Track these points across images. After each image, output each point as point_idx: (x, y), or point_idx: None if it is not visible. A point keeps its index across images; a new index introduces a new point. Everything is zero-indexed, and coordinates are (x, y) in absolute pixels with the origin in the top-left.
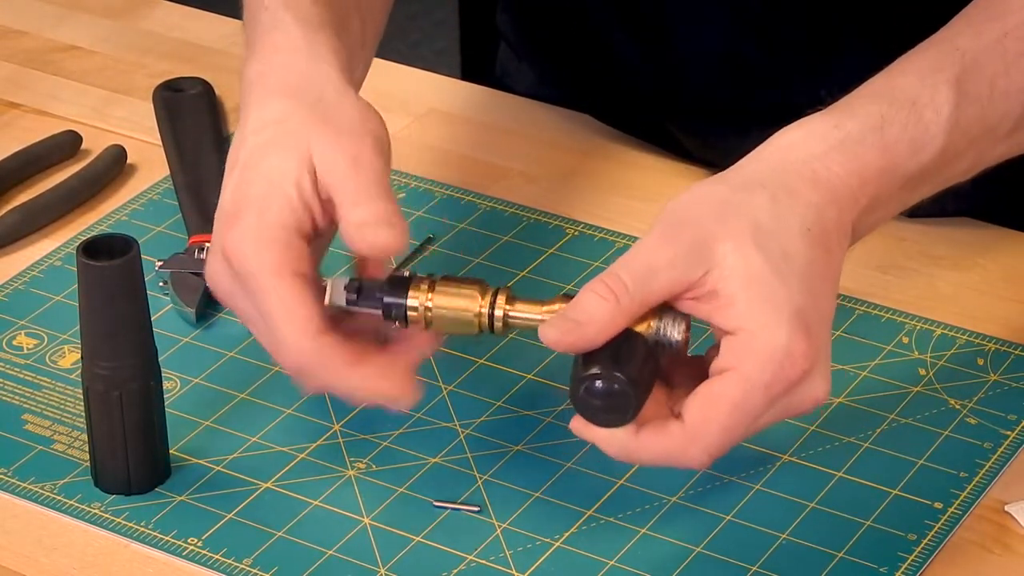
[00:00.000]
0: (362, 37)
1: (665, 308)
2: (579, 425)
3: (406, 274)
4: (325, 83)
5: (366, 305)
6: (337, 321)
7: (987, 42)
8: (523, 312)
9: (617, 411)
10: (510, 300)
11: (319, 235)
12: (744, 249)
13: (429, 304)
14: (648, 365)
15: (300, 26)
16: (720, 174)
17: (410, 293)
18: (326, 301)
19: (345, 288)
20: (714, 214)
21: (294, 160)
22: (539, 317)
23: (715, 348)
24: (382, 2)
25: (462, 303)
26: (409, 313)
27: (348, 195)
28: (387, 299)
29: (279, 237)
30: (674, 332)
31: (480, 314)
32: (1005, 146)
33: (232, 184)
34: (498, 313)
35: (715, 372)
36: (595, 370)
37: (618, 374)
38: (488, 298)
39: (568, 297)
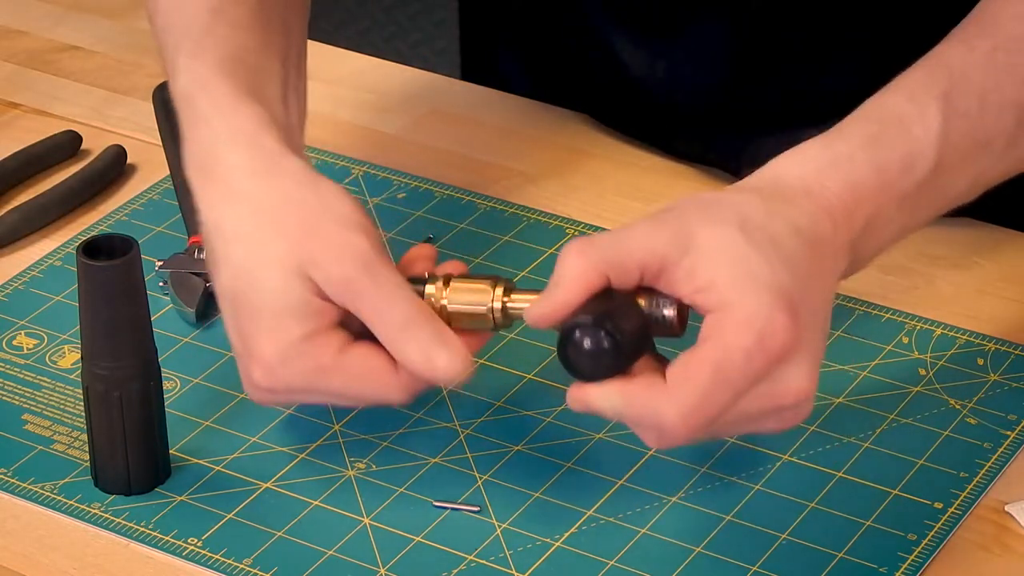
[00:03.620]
0: (281, 84)
1: (655, 290)
2: (574, 391)
3: (425, 275)
4: (273, 170)
5: None
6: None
7: (978, 57)
8: (521, 303)
9: (605, 365)
10: (507, 291)
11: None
12: (727, 232)
13: (444, 301)
14: (633, 323)
15: (218, 111)
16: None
17: (426, 289)
18: None
19: None
20: (702, 207)
21: (299, 279)
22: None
23: None
24: (298, 34)
25: (476, 297)
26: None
27: (381, 322)
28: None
29: (303, 349)
30: (665, 306)
31: (492, 308)
32: (1004, 164)
33: (235, 310)
34: (496, 305)
35: (698, 344)
36: (574, 322)
37: (597, 323)
38: (499, 291)
39: None
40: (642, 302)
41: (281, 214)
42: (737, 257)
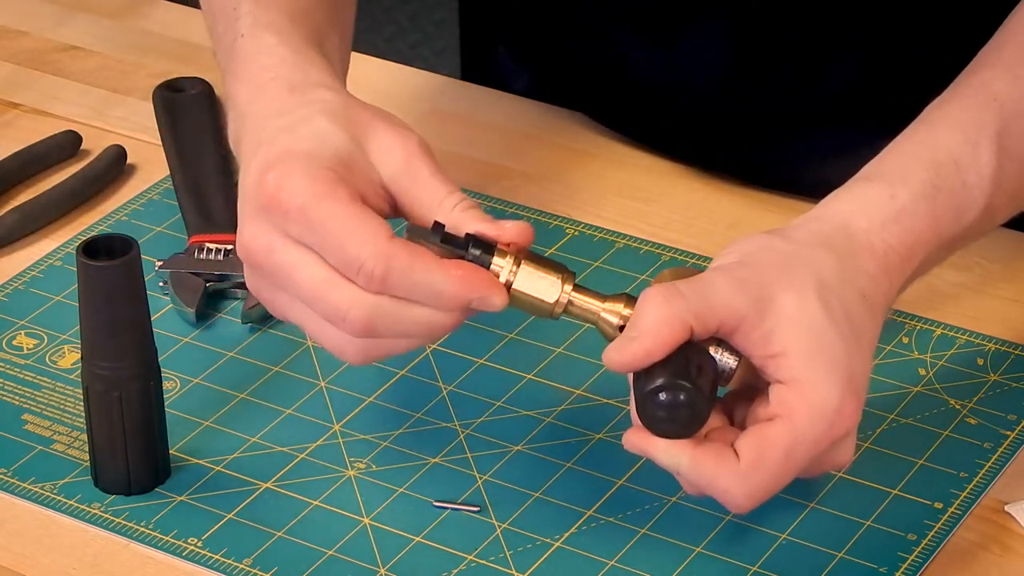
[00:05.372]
0: (340, 53)
1: (720, 339)
2: (636, 438)
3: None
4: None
5: (448, 251)
6: None
7: None
8: (585, 301)
9: (683, 422)
10: (577, 288)
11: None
12: (806, 301)
13: (512, 278)
14: (712, 379)
15: (288, 47)
16: (781, 229)
17: (495, 259)
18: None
19: (432, 229)
20: (779, 264)
21: (347, 133)
22: (598, 308)
23: (744, 395)
24: (351, 14)
25: (544, 285)
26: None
27: (446, 200)
28: (473, 251)
29: (330, 177)
30: (730, 359)
31: (558, 301)
32: None
33: (264, 152)
34: (563, 299)
35: (763, 417)
36: (661, 381)
37: (686, 383)
38: (567, 284)
39: (628, 297)
40: (711, 348)
41: (353, 112)
42: (813, 329)
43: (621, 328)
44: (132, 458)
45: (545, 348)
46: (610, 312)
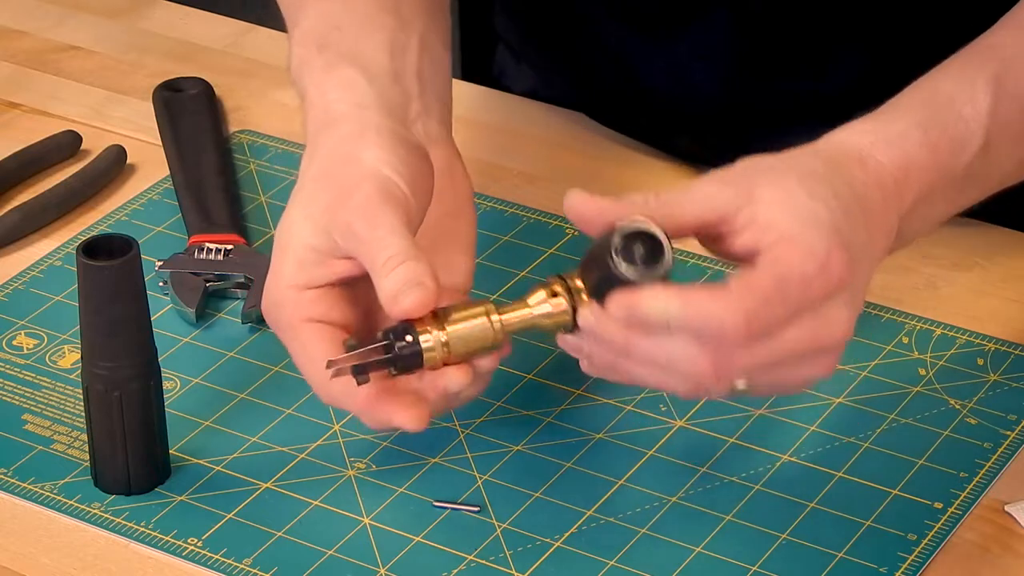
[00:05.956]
0: (388, 48)
1: None
2: (621, 298)
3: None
4: (335, 145)
5: (375, 366)
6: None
7: None
8: (516, 315)
9: (651, 259)
10: (501, 308)
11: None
12: (787, 185)
13: (444, 342)
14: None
15: (315, 88)
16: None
17: (421, 337)
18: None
19: (346, 348)
20: (763, 168)
21: (302, 221)
22: (527, 311)
23: None
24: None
25: (476, 321)
26: (426, 355)
27: (371, 262)
28: (398, 344)
29: (287, 296)
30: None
31: (495, 339)
32: None
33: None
34: (495, 319)
35: (758, 264)
36: (613, 233)
37: (652, 226)
38: (493, 314)
39: (541, 283)
40: None
41: (327, 180)
42: (798, 204)
43: (561, 310)
44: (132, 458)
45: (545, 348)
46: (537, 303)
